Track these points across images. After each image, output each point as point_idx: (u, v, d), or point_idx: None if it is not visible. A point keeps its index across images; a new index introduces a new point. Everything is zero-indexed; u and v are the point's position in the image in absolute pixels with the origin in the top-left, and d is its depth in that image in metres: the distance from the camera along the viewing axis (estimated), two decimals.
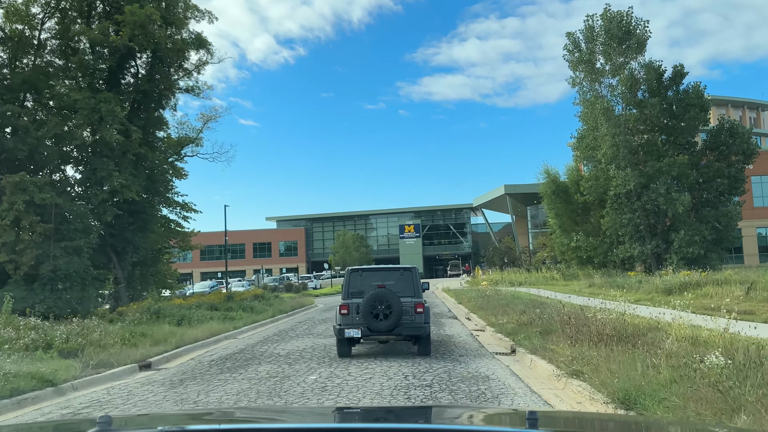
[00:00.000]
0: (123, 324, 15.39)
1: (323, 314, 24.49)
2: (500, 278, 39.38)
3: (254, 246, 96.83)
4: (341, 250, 59.81)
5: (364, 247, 74.35)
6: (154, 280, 30.29)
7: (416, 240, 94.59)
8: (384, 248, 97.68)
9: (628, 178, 32.95)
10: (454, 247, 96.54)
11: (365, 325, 11.06)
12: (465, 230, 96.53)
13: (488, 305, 19.59)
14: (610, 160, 34.04)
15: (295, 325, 19.92)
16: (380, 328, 11.00)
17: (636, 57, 34.86)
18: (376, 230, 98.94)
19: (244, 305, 23.13)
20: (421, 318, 11.21)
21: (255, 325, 19.56)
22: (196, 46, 30.32)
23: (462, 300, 25.80)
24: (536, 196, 64.09)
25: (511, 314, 15.59)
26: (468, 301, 24.26)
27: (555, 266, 39.94)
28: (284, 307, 25.26)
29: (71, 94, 24.21)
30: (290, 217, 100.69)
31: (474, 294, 26.73)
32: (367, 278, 12.01)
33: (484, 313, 17.67)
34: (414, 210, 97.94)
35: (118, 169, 24.73)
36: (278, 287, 43.82)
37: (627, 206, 34.29)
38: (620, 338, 8.80)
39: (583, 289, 27.90)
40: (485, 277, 41.44)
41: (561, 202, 39.22)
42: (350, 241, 62.17)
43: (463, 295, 28.00)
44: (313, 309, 28.96)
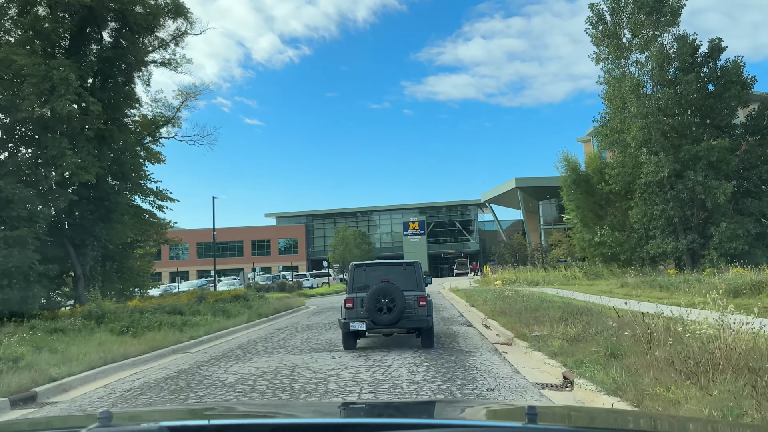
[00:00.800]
0: (34, 333, 11.65)
1: (310, 318, 20.76)
2: (514, 277, 35.57)
3: (253, 243, 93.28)
4: (341, 247, 55.97)
5: (366, 244, 70.61)
6: (122, 278, 26.68)
7: (421, 237, 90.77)
8: (387, 246, 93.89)
9: (662, 163, 29.07)
10: (460, 245, 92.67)
11: (369, 318, 11.26)
12: (472, 227, 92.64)
13: (510, 309, 15.82)
14: (641, 144, 30.18)
15: (270, 334, 16.19)
16: (384, 321, 11.21)
17: (668, 29, 30.97)
18: (379, 227, 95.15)
19: (216, 308, 19.44)
20: (424, 311, 11.45)
21: (222, 333, 15.85)
22: (173, 13, 26.66)
23: (475, 302, 22.04)
24: (549, 190, 60.33)
25: (546, 323, 11.85)
26: (483, 303, 20.49)
27: (576, 264, 36.08)
28: (266, 310, 21.54)
29: (18, 59, 20.53)
30: (290, 214, 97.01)
31: (489, 295, 22.97)
32: (371, 273, 12.23)
33: (508, 320, 13.91)
34: (419, 206, 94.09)
35: (74, 147, 21.08)
36: (270, 286, 40.17)
37: (659, 196, 30.41)
38: None
39: (615, 290, 24.08)
40: (498, 275, 37.64)
41: (582, 193, 35.37)
42: (351, 238, 58.30)
43: (475, 297, 24.23)
44: (301, 312, 25.24)
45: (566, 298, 19.54)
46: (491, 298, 21.05)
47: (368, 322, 11.33)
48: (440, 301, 27.96)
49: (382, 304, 11.22)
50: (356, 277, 12.36)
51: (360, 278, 12.28)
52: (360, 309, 11.49)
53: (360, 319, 11.40)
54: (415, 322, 11.37)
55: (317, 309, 26.31)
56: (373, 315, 11.23)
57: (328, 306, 28.29)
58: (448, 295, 32.02)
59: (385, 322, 11.23)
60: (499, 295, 21.10)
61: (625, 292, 22.58)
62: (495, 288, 28.78)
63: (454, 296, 29.45)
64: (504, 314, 15.42)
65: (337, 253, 56.07)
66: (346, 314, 11.71)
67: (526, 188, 57.93)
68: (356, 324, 11.37)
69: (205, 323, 16.27)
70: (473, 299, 23.47)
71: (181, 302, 19.88)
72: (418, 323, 11.39)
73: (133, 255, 27.82)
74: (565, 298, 18.96)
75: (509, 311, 15.61)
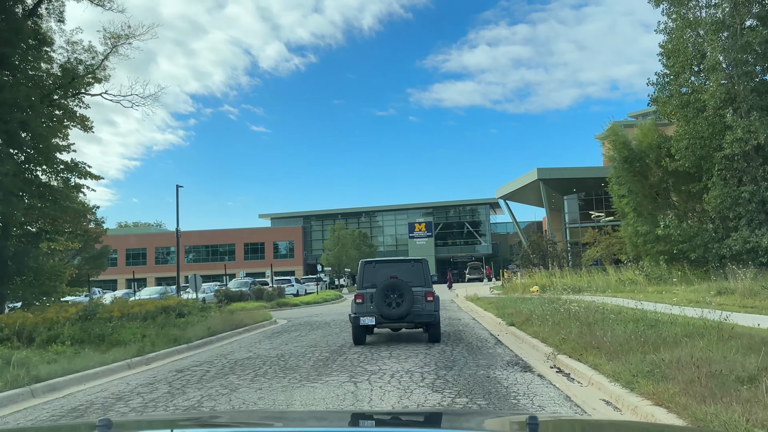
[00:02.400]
0: None
1: (256, 346, 13.10)
2: (548, 282, 27.98)
3: (245, 246, 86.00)
4: (336, 248, 48.32)
5: (367, 245, 63.19)
6: (26, 282, 19.43)
7: (428, 240, 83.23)
8: (391, 249, 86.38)
9: (755, 128, 21.49)
10: (470, 248, 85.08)
11: (379, 313, 11.69)
12: (483, 229, 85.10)
13: (599, 337, 8.38)
14: (723, 104, 22.62)
15: (133, 389, 8.61)
16: (393, 316, 11.67)
17: None
18: (382, 229, 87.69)
19: (106, 328, 11.99)
20: (431, 306, 11.86)
21: (60, 382, 8.36)
22: None
23: (514, 318, 14.50)
24: (575, 183, 52.58)
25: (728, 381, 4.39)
26: (529, 320, 12.97)
27: (629, 265, 28.41)
28: (196, 331, 14.06)
29: None
30: (286, 215, 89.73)
31: (530, 307, 15.47)
32: (380, 270, 12.47)
33: (621, 367, 6.50)
34: (425, 206, 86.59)
35: None
36: (244, 294, 32.76)
37: (747, 173, 22.82)
38: None
39: (709, 298, 16.44)
40: (527, 280, 30.05)
41: (635, 174, 27.75)
42: (348, 237, 50.65)
43: (509, 309, 16.69)
44: (256, 332, 17.72)
45: (664, 314, 12.00)
46: (540, 312, 13.51)
47: (377, 317, 11.68)
48: (457, 315, 20.43)
49: (391, 299, 11.64)
50: (366, 273, 12.51)
51: (370, 275, 12.44)
52: (369, 304, 11.83)
53: (370, 313, 11.74)
54: (423, 317, 11.74)
55: (284, 326, 18.83)
56: (382, 309, 11.62)
57: (303, 321, 20.84)
58: (465, 306, 24.51)
59: (393, 317, 11.66)
60: (551, 308, 13.59)
61: (731, 302, 15.05)
62: (532, 296, 21.31)
63: (476, 307, 21.89)
64: (594, 347, 7.94)
65: (332, 255, 48.45)
66: (357, 309, 11.95)
67: (549, 180, 50.33)
68: (366, 318, 11.70)
69: (41, 361, 8.83)
70: (507, 313, 15.92)
71: (57, 318, 12.42)
72: (425, 318, 11.75)
73: (40, 251, 20.48)
74: (668, 315, 11.42)
75: (600, 341, 8.15)
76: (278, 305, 32.12)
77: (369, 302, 11.82)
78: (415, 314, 11.63)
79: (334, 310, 26.47)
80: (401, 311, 11.52)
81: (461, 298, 29.68)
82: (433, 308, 11.76)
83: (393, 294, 11.62)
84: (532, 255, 37.00)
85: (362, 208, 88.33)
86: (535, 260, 36.42)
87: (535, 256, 36.67)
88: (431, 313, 11.71)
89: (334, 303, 34.10)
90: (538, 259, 36.11)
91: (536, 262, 36.18)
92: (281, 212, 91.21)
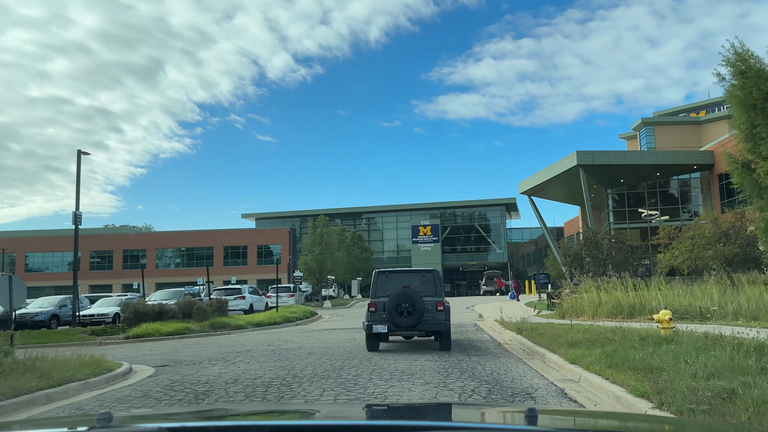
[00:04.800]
0: None
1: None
2: (633, 300, 17.18)
3: (225, 251, 75.40)
4: (317, 249, 37.30)
5: (361, 249, 52.59)
6: None
7: (434, 245, 72.48)
8: (392, 256, 75.70)
9: None
10: (481, 255, 74.43)
11: (391, 321, 12.06)
12: (497, 234, 74.26)
13: None
14: None
15: None
16: (404, 324, 12.00)
17: None
18: (382, 232, 76.97)
19: None
20: (442, 315, 12.14)
21: None
22: None
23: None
24: (624, 172, 41.42)
25: None
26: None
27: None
28: None
29: None
30: (272, 215, 79.21)
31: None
32: (393, 280, 12.94)
33: None
34: (431, 206, 75.86)
35: None
36: (166, 310, 22.09)
37: None
38: None
39: None
40: (585, 296, 19.09)
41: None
42: (334, 236, 39.71)
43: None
44: None
45: None
46: None
47: (390, 325, 12.09)
48: (495, 368, 9.62)
49: (403, 308, 11.98)
50: (379, 283, 12.96)
51: (383, 284, 12.88)
52: (382, 313, 12.25)
53: (382, 321, 12.17)
54: (434, 325, 12.09)
55: (115, 397, 8.04)
56: (394, 318, 12.00)
57: (196, 378, 9.87)
58: (501, 336, 13.86)
59: (405, 325, 12.03)
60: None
61: None
62: (649, 326, 10.47)
63: (534, 347, 11.08)
64: None
65: (312, 257, 37.49)
66: (370, 317, 12.39)
67: (591, 168, 39.61)
68: (378, 326, 12.13)
69: None
70: None
71: None
72: (436, 326, 12.10)
73: None
74: None
75: None
76: (212, 327, 21.42)
77: (382, 311, 12.23)
78: (426, 323, 12.03)
79: (292, 342, 15.82)
80: (412, 320, 11.92)
81: (488, 320, 18.92)
82: (443, 317, 12.10)
83: (405, 303, 11.97)
84: (585, 258, 26.20)
85: (359, 209, 77.75)
86: (590, 265, 25.55)
87: (590, 260, 25.89)
88: (441, 322, 12.06)
89: (300, 324, 23.40)
90: (596, 264, 25.30)
91: (590, 267, 25.25)
92: (267, 212, 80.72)
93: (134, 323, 21.63)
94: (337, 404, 6.14)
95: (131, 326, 21.46)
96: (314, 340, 15.72)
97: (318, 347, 13.87)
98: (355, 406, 3.91)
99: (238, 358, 12.40)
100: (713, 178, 40.57)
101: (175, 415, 2.81)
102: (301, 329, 21.08)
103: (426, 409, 2.88)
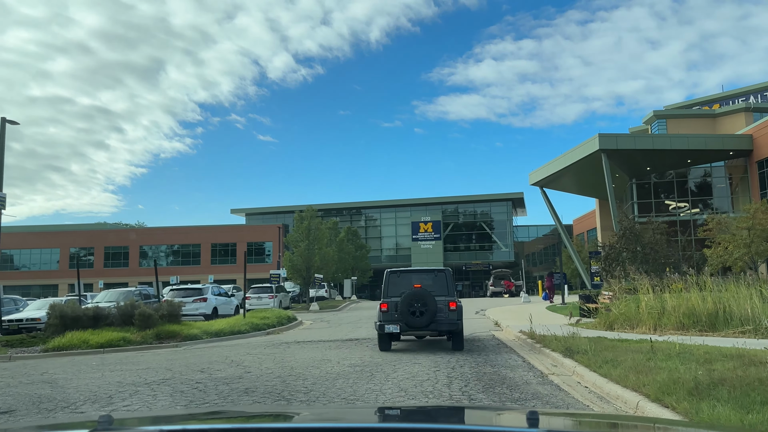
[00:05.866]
0: None
1: None
2: (712, 306, 12.53)
3: (212, 248, 70.82)
4: (303, 244, 32.45)
5: (356, 246, 47.98)
6: None
7: (435, 243, 67.84)
8: (391, 254, 71.03)
9: None
10: (485, 254, 69.76)
11: (403, 321, 11.93)
12: (503, 232, 69.52)
13: None
14: None
15: None
16: (417, 324, 11.89)
17: None
18: (380, 228, 72.26)
19: None
20: (455, 315, 12.06)
21: None
22: None
23: None
24: (653, 158, 36.67)
25: None
26: None
27: None
28: None
29: None
30: (263, 210, 74.63)
31: None
32: (405, 279, 12.96)
33: None
34: (432, 202, 71.11)
35: None
36: (102, 314, 17.51)
37: None
38: None
39: None
40: (645, 298, 14.41)
41: None
42: (324, 230, 34.86)
43: None
44: None
45: None
46: None
47: (402, 325, 11.98)
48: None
49: (415, 308, 11.85)
50: (390, 282, 12.93)
51: (394, 284, 12.86)
52: (394, 312, 12.12)
53: (394, 321, 12.05)
54: (446, 325, 11.99)
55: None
56: (406, 318, 11.87)
57: None
58: (540, 361, 9.23)
59: (417, 325, 11.91)
60: None
61: None
62: None
63: (614, 388, 6.47)
64: None
65: (297, 253, 32.61)
66: (382, 317, 12.29)
67: (614, 154, 34.99)
68: (391, 326, 12.04)
69: None
70: None
71: None
72: (448, 326, 12.00)
73: None
74: None
75: None
76: (157, 337, 16.88)
77: (394, 311, 12.13)
78: (439, 322, 11.94)
79: (240, 365, 11.17)
80: (425, 320, 11.81)
81: (511, 330, 14.35)
82: (456, 317, 12.03)
83: (417, 303, 11.85)
84: (623, 253, 21.46)
85: (356, 203, 73.15)
86: (629, 259, 20.78)
87: (630, 255, 21.14)
88: (454, 322, 11.99)
89: (271, 333, 18.76)
90: (637, 260, 20.56)
91: (631, 261, 20.49)
92: (257, 207, 76.18)
93: (60, 331, 17.12)
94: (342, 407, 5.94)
95: (56, 334, 16.96)
96: (272, 362, 11.13)
97: (267, 377, 9.28)
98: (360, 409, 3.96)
99: (133, 398, 7.83)
100: (752, 165, 35.96)
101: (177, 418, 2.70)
102: (269, 341, 16.47)
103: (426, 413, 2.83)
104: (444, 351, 12.15)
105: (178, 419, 2.45)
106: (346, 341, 15.13)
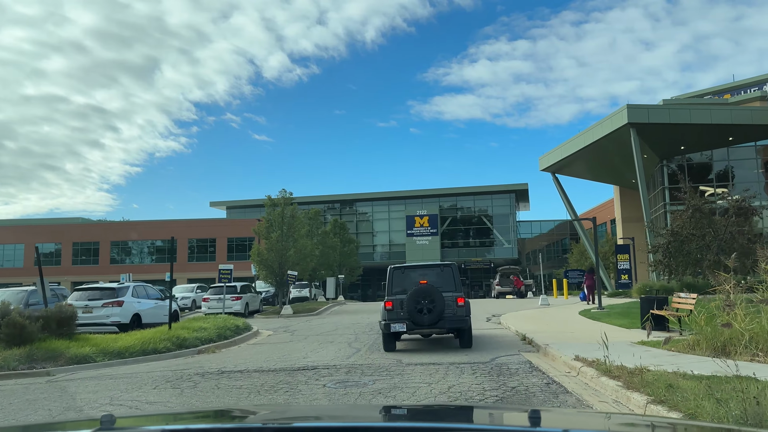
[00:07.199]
0: None
1: None
2: None
3: (190, 244, 65.23)
4: (275, 234, 26.89)
5: (343, 240, 42.44)
6: None
7: (432, 239, 62.35)
8: (383, 251, 65.45)
9: None
10: (486, 250, 64.32)
11: (410, 319, 11.51)
12: (505, 227, 64.01)
13: None
14: None
15: None
16: (424, 322, 11.45)
17: None
18: (372, 223, 66.64)
19: None
20: (463, 311, 11.70)
21: None
22: None
23: None
24: (690, 133, 30.82)
25: None
26: None
27: None
28: None
29: None
30: (245, 203, 68.84)
31: None
32: (410, 275, 12.50)
33: None
34: (429, 194, 65.50)
35: None
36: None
37: None
38: None
39: None
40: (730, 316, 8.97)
41: None
42: (302, 219, 29.22)
43: None
44: None
45: None
46: None
47: (408, 323, 11.56)
48: None
49: (422, 305, 11.44)
50: (395, 279, 12.46)
51: (399, 280, 12.41)
52: (400, 310, 11.70)
53: (400, 320, 11.62)
54: (455, 322, 11.64)
55: None
56: (413, 316, 11.46)
57: None
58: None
59: (425, 323, 11.48)
60: None
61: None
62: None
63: None
64: None
65: (268, 246, 26.95)
66: (387, 315, 11.84)
67: (646, 129, 29.54)
68: (396, 325, 11.59)
69: None
70: None
71: None
72: (457, 323, 11.67)
73: None
74: None
75: None
76: (30, 358, 11.55)
77: (399, 309, 11.70)
78: (447, 320, 11.53)
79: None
80: (433, 317, 11.37)
81: (586, 379, 8.99)
82: (464, 313, 11.72)
83: (424, 300, 11.43)
84: (689, 238, 15.98)
85: (346, 195, 67.56)
86: (702, 253, 15.26)
87: (697, 245, 15.67)
88: (463, 318, 11.68)
89: (204, 353, 13.22)
90: (713, 250, 15.04)
91: (695, 248, 14.95)
92: (238, 200, 70.49)
93: None
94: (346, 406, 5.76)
95: None
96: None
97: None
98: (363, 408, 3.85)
99: None
100: None
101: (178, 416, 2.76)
102: (183, 368, 10.89)
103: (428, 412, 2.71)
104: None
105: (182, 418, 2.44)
106: (296, 371, 9.64)
